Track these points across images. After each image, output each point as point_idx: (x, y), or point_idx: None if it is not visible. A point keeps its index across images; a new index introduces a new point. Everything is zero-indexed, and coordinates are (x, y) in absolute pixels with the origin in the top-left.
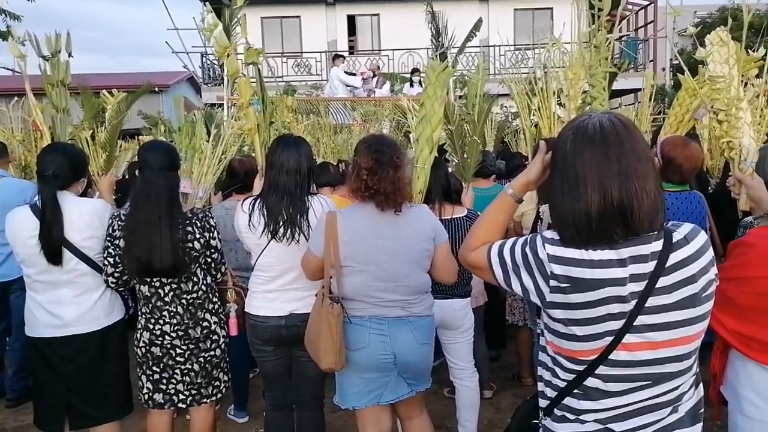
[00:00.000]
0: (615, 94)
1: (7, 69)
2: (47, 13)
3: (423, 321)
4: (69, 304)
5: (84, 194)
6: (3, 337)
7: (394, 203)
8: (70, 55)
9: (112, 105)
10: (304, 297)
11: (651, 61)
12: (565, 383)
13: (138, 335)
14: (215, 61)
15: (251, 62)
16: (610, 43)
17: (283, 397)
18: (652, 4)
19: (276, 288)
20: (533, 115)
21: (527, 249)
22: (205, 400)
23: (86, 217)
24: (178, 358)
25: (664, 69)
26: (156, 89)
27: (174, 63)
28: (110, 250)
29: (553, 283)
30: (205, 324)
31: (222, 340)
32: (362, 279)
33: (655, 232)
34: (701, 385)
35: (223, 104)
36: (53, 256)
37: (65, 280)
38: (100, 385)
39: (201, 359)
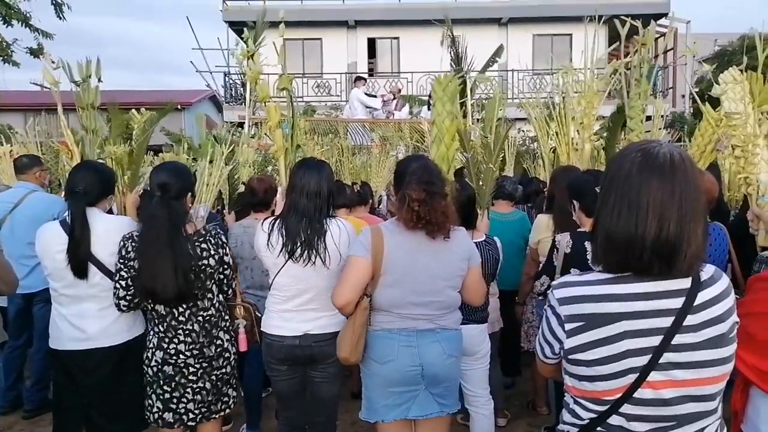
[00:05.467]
0: None
1: (37, 84)
2: (77, 31)
3: (451, 333)
4: (92, 317)
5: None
6: (24, 348)
7: (446, 230)
8: (99, 80)
9: (139, 124)
10: (319, 317)
11: (670, 88)
12: (588, 421)
13: (149, 354)
14: (237, 81)
15: (284, 88)
16: (633, 68)
17: (296, 418)
18: (673, 32)
19: (292, 308)
20: (551, 139)
21: (546, 307)
22: (214, 416)
23: (112, 234)
24: (190, 377)
25: (683, 96)
26: (179, 107)
27: (197, 81)
28: (122, 273)
29: (568, 326)
30: (219, 342)
31: (233, 357)
32: (399, 292)
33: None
34: (726, 429)
35: (243, 123)
36: (79, 271)
37: (90, 294)
38: (119, 399)
39: (213, 377)
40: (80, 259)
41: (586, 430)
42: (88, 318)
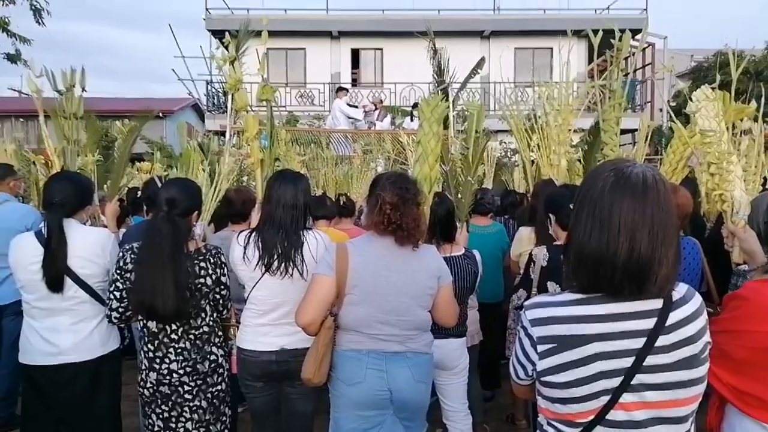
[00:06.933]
0: None
1: (14, 90)
2: (58, 38)
3: (421, 358)
4: (66, 331)
5: None
6: None
7: (415, 239)
8: (83, 89)
9: (121, 133)
10: (296, 332)
11: (648, 102)
12: None
13: (143, 376)
14: (219, 90)
15: (265, 99)
16: (609, 83)
17: None
18: (651, 47)
19: (268, 322)
20: (532, 151)
21: (519, 327)
22: None
23: (90, 246)
24: (186, 396)
25: (661, 110)
26: (160, 115)
27: (179, 89)
28: (118, 284)
29: (540, 348)
30: (213, 357)
31: (226, 373)
32: (365, 310)
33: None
34: None
35: (225, 132)
36: (55, 284)
37: (64, 308)
38: (91, 415)
39: (209, 395)
40: (56, 273)
41: None
42: (61, 332)
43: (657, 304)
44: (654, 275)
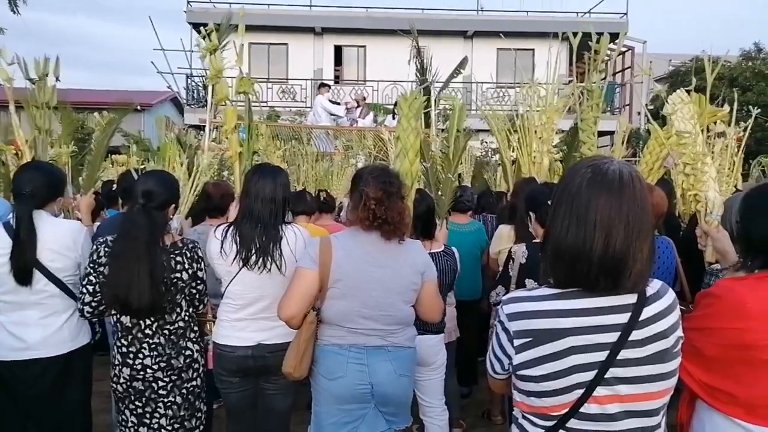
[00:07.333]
0: None
1: None
2: (34, 27)
3: (403, 352)
4: (34, 326)
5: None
6: None
7: (401, 233)
8: (57, 79)
9: (99, 125)
10: (273, 327)
11: (627, 105)
12: None
13: (116, 371)
14: (199, 83)
15: (243, 91)
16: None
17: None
18: (630, 51)
19: (245, 317)
20: (513, 151)
21: (496, 322)
22: None
23: (60, 239)
24: (160, 392)
25: (639, 113)
26: (139, 108)
27: (159, 82)
28: (91, 278)
29: (517, 342)
30: (188, 353)
31: (202, 369)
32: (348, 304)
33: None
34: None
35: (205, 126)
36: (23, 277)
37: (33, 301)
38: (61, 411)
39: (184, 391)
40: (25, 265)
41: None
42: (29, 326)
43: (631, 299)
44: (629, 270)
